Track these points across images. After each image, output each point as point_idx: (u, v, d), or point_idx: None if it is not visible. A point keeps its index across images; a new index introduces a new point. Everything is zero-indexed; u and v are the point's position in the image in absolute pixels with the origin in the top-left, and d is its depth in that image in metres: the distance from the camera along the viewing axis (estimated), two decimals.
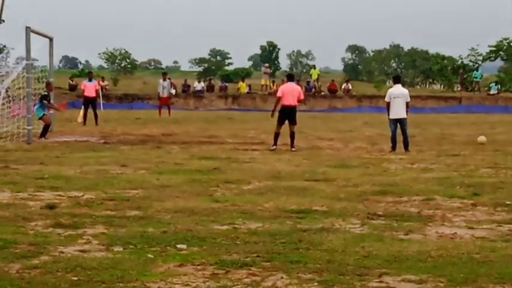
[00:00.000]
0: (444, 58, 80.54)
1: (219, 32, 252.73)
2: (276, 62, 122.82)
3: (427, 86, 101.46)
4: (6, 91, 26.04)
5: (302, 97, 21.91)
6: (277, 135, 21.37)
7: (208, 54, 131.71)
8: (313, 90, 58.95)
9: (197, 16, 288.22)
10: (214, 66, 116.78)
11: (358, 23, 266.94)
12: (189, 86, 59.22)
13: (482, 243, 8.55)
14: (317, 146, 22.97)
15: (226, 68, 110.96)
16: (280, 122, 21.36)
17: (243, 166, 16.72)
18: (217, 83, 65.91)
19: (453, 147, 22.56)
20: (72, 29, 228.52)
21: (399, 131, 20.90)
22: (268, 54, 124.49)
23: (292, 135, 21.30)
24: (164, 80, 40.90)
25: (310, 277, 7.04)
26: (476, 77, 62.55)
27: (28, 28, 23.68)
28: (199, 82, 60.54)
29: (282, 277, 7.05)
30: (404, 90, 21.47)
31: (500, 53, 74.92)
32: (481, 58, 74.59)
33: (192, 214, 10.30)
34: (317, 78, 60.71)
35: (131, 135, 26.44)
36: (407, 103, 21.03)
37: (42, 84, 27.18)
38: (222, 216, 10.22)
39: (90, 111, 32.78)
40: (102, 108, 42.95)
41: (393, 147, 20.86)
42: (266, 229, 9.31)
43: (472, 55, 74.93)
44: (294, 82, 23.12)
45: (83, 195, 12.01)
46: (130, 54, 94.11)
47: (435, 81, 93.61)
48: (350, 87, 60.27)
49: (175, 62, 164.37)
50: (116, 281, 6.81)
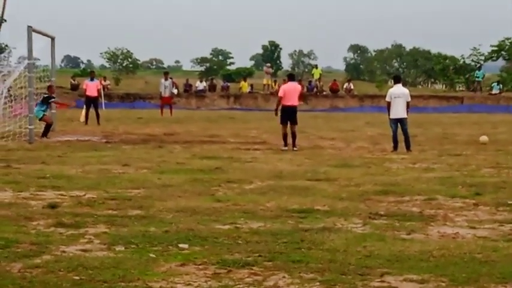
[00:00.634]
0: (446, 58, 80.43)
1: (220, 31, 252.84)
2: (277, 61, 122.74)
3: (429, 85, 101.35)
4: (8, 90, 26.08)
5: (301, 96, 21.89)
6: (285, 136, 21.33)
7: (210, 53, 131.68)
8: (315, 89, 58.94)
9: (199, 16, 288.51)
10: (216, 66, 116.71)
11: (360, 22, 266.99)
12: (190, 85, 59.21)
13: (484, 243, 8.55)
14: (319, 145, 22.96)
15: (228, 67, 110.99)
16: (284, 121, 21.34)
17: (245, 166, 16.72)
18: (219, 82, 65.89)
19: (455, 147, 22.55)
20: (74, 29, 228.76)
21: (400, 130, 20.89)
22: (270, 53, 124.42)
23: (294, 135, 21.29)
24: (166, 79, 40.90)
25: (312, 277, 7.03)
26: (478, 77, 62.47)
27: (30, 27, 23.68)
28: (201, 82, 60.50)
29: (283, 277, 7.05)
30: (405, 90, 21.46)
31: (502, 52, 74.84)
32: (483, 58, 74.47)
33: (193, 213, 10.30)
34: (319, 78, 60.66)
35: (133, 134, 26.44)
36: (407, 103, 21.02)
37: (44, 84, 27.23)
38: (224, 215, 10.22)
39: (92, 111, 32.77)
40: (104, 107, 42.98)
41: (395, 147, 20.85)
42: (268, 229, 9.31)
43: (474, 55, 74.84)
44: (295, 82, 23.09)
45: (84, 195, 12.02)
46: (132, 53, 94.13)
47: (437, 81, 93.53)
48: (352, 87, 60.24)
49: (177, 61, 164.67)
50: (118, 281, 6.81)
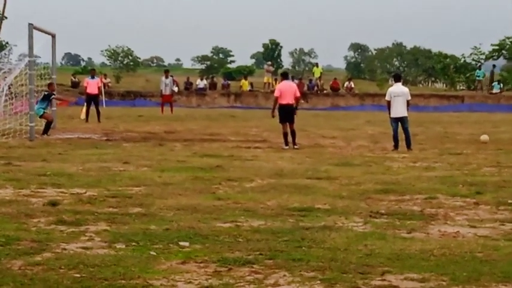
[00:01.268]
0: (447, 57, 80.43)
1: (221, 29, 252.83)
2: (278, 60, 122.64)
3: (430, 84, 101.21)
4: (9, 88, 26.07)
5: (298, 94, 21.86)
6: (286, 135, 21.32)
7: (211, 51, 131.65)
8: (316, 88, 58.92)
9: (199, 14, 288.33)
10: (216, 64, 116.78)
11: (361, 21, 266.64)
12: (191, 83, 59.19)
13: (485, 242, 8.55)
14: (319, 144, 22.96)
15: (229, 65, 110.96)
16: (283, 120, 21.32)
17: (246, 164, 16.72)
18: (220, 80, 65.84)
19: (456, 145, 22.55)
20: (75, 26, 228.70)
21: (401, 129, 20.90)
22: (270, 52, 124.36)
23: (293, 134, 21.28)
24: (166, 77, 40.95)
25: (312, 275, 7.04)
26: (478, 76, 62.46)
27: (31, 25, 23.69)
28: (202, 80, 60.46)
29: (284, 275, 7.05)
30: (405, 89, 21.46)
31: (503, 51, 74.84)
32: (483, 57, 74.50)
33: (194, 212, 10.30)
34: (319, 77, 60.63)
35: (133, 132, 26.45)
36: (408, 101, 21.02)
37: (44, 81, 27.22)
38: (225, 213, 10.23)
39: (92, 108, 32.79)
40: (104, 105, 43.04)
41: (395, 146, 20.85)
42: (268, 227, 9.32)
43: (475, 54, 74.86)
44: (289, 80, 23.03)
45: (85, 192, 12.02)
46: (132, 51, 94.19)
47: (438, 80, 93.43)
48: (352, 86, 60.27)
49: (178, 59, 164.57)
50: (119, 278, 6.81)
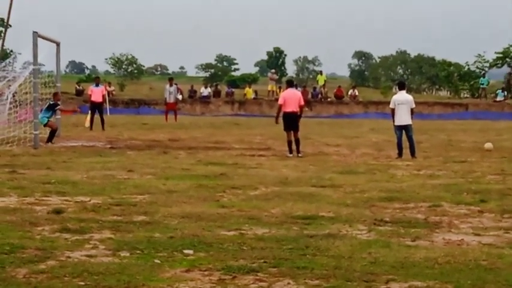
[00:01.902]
0: (451, 65, 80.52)
1: (225, 37, 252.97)
2: (282, 67, 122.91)
3: (434, 92, 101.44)
4: (13, 96, 26.10)
5: (302, 103, 21.84)
6: (290, 143, 21.31)
7: (215, 59, 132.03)
8: (320, 96, 58.97)
9: (204, 22, 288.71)
10: (220, 72, 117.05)
11: (365, 29, 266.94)
12: (195, 91, 59.27)
13: (489, 250, 8.54)
14: (324, 152, 22.95)
15: (233, 73, 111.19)
16: (287, 128, 21.32)
17: (250, 172, 16.72)
18: (224, 88, 65.97)
19: (460, 153, 22.53)
20: (79, 34, 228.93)
21: (405, 137, 20.89)
22: (274, 60, 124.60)
23: (297, 142, 21.27)
24: (171, 85, 40.95)
25: (317, 283, 7.03)
26: (482, 84, 62.49)
27: (35, 33, 23.72)
28: (206, 88, 60.54)
29: (288, 283, 7.05)
30: (409, 97, 21.46)
31: (507, 59, 74.69)
32: (487, 65, 74.48)
33: (198, 219, 10.30)
34: (323, 84, 60.71)
35: (138, 140, 26.46)
36: (412, 109, 21.02)
37: (49, 89, 27.24)
38: (229, 221, 10.22)
39: (96, 116, 32.82)
40: (108, 113, 43.04)
41: (399, 154, 20.84)
42: (273, 235, 9.31)
43: (479, 62, 74.89)
44: (294, 88, 23.04)
45: (89, 200, 12.03)
46: (136, 59, 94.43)
47: (442, 88, 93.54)
48: (356, 93, 60.27)
49: (182, 67, 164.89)
50: (123, 286, 6.82)
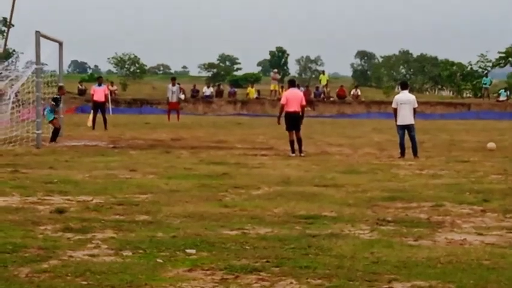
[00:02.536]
0: (453, 64, 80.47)
1: (228, 37, 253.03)
2: (285, 67, 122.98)
3: (436, 92, 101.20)
4: (16, 95, 26.13)
5: (304, 103, 21.82)
6: (292, 142, 21.30)
7: (217, 59, 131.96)
8: (322, 95, 58.98)
9: (206, 21, 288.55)
10: (223, 72, 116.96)
11: (367, 28, 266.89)
12: (198, 91, 59.28)
13: (492, 250, 8.53)
14: (326, 151, 22.95)
15: (235, 73, 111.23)
16: (289, 128, 21.31)
17: (252, 171, 16.72)
18: (226, 88, 65.99)
19: (462, 153, 22.51)
20: (82, 34, 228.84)
21: (407, 136, 20.88)
22: (277, 59, 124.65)
23: (300, 141, 21.27)
24: (173, 85, 41.03)
25: (319, 282, 7.03)
26: (485, 84, 62.47)
27: (38, 32, 23.75)
28: (208, 87, 60.56)
29: (291, 282, 7.05)
30: (411, 96, 21.44)
31: (510, 59, 74.68)
32: (490, 64, 74.48)
33: (201, 219, 10.30)
34: (326, 84, 60.68)
35: (140, 139, 26.47)
36: (414, 109, 21.01)
37: (51, 89, 27.28)
38: (231, 221, 10.22)
39: (99, 116, 32.84)
40: (111, 112, 43.08)
41: (402, 153, 20.83)
42: (275, 234, 9.31)
43: (482, 61, 74.88)
44: (296, 88, 23.03)
45: (92, 200, 12.03)
46: (139, 59, 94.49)
47: (444, 88, 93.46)
48: (359, 93, 60.31)
49: (184, 67, 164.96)
50: (125, 286, 6.82)
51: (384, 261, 7.85)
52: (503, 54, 74.35)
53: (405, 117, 20.82)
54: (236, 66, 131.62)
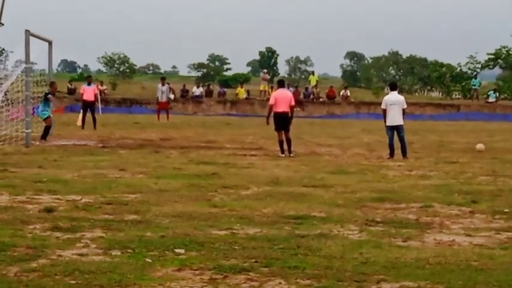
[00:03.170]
0: (443, 65, 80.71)
1: (217, 37, 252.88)
2: (274, 67, 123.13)
3: (426, 93, 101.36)
4: (5, 94, 26.04)
5: (293, 103, 21.80)
6: (281, 143, 21.28)
7: (207, 59, 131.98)
8: (312, 96, 59.01)
9: (196, 21, 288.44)
10: (213, 72, 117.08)
11: (357, 29, 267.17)
12: (187, 91, 59.25)
13: (481, 251, 8.56)
14: (315, 152, 22.97)
15: (225, 73, 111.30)
16: (278, 128, 21.30)
17: (242, 171, 16.72)
18: (216, 88, 65.96)
19: (451, 154, 22.56)
20: (71, 33, 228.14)
21: (397, 137, 20.91)
22: (267, 60, 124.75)
23: (289, 142, 21.26)
24: (163, 84, 41.03)
25: (308, 283, 7.04)
26: (474, 85, 62.66)
27: (27, 31, 23.69)
28: (198, 87, 60.52)
29: (280, 282, 7.05)
30: (400, 97, 21.48)
31: (499, 61, 75.10)
32: (479, 66, 74.76)
33: (190, 219, 10.29)
34: (315, 85, 60.76)
35: (129, 139, 26.43)
36: (403, 110, 21.05)
37: (41, 88, 27.15)
38: (220, 221, 10.22)
39: (88, 115, 32.77)
40: (100, 112, 43.00)
41: (391, 154, 20.86)
42: (264, 234, 9.31)
43: (471, 63, 75.17)
44: (285, 88, 23.03)
45: (81, 199, 12.01)
46: (129, 58, 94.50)
47: (433, 89, 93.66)
48: (348, 94, 60.39)
49: (174, 66, 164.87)
50: (114, 285, 6.81)
51: (373, 262, 7.86)
52: (492, 56, 74.69)
53: (394, 118, 20.86)
54: (226, 67, 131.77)
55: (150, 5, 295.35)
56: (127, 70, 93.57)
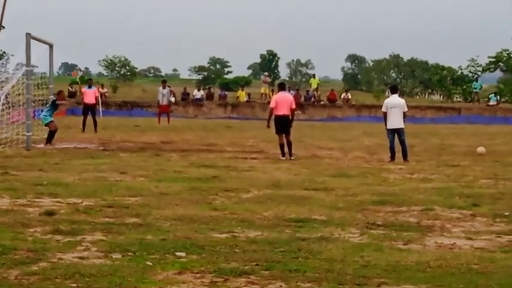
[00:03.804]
0: (444, 69, 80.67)
1: (218, 40, 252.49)
2: (275, 70, 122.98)
3: (427, 96, 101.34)
4: (6, 97, 26.06)
5: (294, 106, 21.80)
6: (282, 146, 21.28)
7: (208, 62, 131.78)
8: (313, 99, 59.05)
9: (197, 24, 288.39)
10: (213, 75, 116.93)
11: (358, 32, 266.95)
12: (188, 94, 59.27)
13: (481, 254, 8.55)
14: (316, 155, 22.97)
15: (226, 76, 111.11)
16: (279, 131, 21.29)
17: (242, 174, 16.72)
18: (217, 91, 66.01)
19: (452, 157, 22.56)
20: (72, 36, 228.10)
21: (397, 140, 20.91)
22: (267, 63, 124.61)
23: (290, 145, 21.26)
24: (164, 87, 41.07)
25: (309, 286, 7.04)
26: (475, 88, 62.66)
27: (28, 34, 23.70)
28: (199, 90, 60.54)
29: (280, 286, 7.05)
30: (401, 100, 21.48)
31: (500, 64, 75.05)
32: (480, 69, 74.73)
33: (191, 222, 10.29)
34: (316, 88, 60.82)
35: (130, 142, 26.44)
36: (404, 113, 21.05)
37: (41, 91, 27.22)
38: (221, 224, 10.21)
39: (89, 118, 32.79)
40: (101, 115, 42.99)
41: (392, 157, 20.86)
42: (265, 237, 9.30)
43: (472, 66, 75.14)
44: (286, 91, 23.05)
45: (81, 202, 12.01)
46: (129, 61, 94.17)
47: (434, 92, 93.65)
48: (349, 97, 60.43)
49: (175, 69, 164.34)
50: None
51: (374, 265, 7.85)
52: (494, 59, 74.67)
53: (395, 121, 20.86)
54: (227, 70, 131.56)
55: (150, 8, 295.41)
56: (128, 73, 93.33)
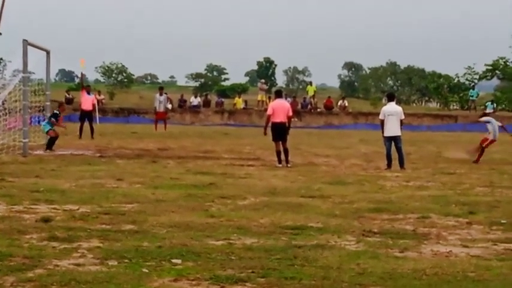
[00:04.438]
0: (440, 76, 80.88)
1: (215, 47, 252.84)
2: (272, 78, 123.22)
3: (423, 104, 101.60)
4: (3, 103, 26.04)
5: (291, 113, 21.82)
6: (279, 153, 21.28)
7: (205, 69, 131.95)
8: (310, 106, 59.05)
9: (194, 31, 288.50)
10: (210, 82, 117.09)
11: (355, 40, 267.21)
12: (185, 101, 59.27)
13: (478, 262, 8.55)
14: (313, 162, 22.97)
15: (223, 83, 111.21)
16: (276, 138, 21.31)
17: (239, 181, 16.72)
18: (214, 98, 65.98)
19: (449, 165, 22.58)
20: (69, 43, 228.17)
21: (394, 148, 20.93)
22: (264, 70, 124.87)
23: (286, 152, 21.27)
24: (161, 94, 41.06)
25: None
26: (472, 96, 62.74)
27: (25, 41, 23.70)
28: (196, 97, 60.53)
29: None
30: (398, 108, 21.51)
31: (497, 71, 75.19)
32: (477, 77, 74.88)
33: (187, 229, 10.28)
34: (313, 95, 60.78)
35: (127, 149, 26.42)
36: (401, 121, 21.08)
37: (38, 97, 27.20)
38: (217, 231, 10.21)
39: (86, 125, 32.76)
40: (98, 122, 42.97)
41: (388, 165, 20.88)
42: (261, 245, 9.30)
43: (469, 74, 75.31)
44: (282, 98, 23.07)
45: (78, 209, 12.00)
46: (126, 68, 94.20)
47: (431, 99, 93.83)
48: (346, 104, 60.44)
49: (172, 76, 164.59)
50: None
51: (370, 273, 7.85)
52: (490, 67, 74.81)
53: (392, 129, 20.89)
54: (224, 77, 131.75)
55: (148, 15, 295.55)
56: (125, 80, 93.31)
